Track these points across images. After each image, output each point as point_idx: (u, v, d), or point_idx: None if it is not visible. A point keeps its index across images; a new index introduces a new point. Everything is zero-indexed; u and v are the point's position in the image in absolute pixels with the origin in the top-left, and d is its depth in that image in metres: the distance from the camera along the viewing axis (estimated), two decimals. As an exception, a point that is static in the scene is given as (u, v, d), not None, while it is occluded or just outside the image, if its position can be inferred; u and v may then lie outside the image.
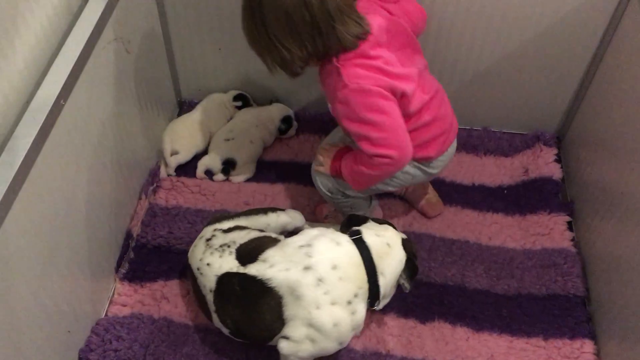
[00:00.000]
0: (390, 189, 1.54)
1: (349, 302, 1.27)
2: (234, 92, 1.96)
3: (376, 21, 1.33)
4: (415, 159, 1.44)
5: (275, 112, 1.91)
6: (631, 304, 1.33)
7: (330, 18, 1.25)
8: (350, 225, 1.39)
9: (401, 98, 1.34)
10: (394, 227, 1.42)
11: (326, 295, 1.24)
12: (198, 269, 1.38)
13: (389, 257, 1.32)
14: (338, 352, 1.45)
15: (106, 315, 1.53)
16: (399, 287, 1.37)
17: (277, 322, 1.28)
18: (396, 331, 1.51)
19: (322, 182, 1.56)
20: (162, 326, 1.50)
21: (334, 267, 1.26)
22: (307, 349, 1.27)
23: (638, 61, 1.45)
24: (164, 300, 1.55)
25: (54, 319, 1.28)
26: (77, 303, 1.38)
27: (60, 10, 1.31)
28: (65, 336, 1.34)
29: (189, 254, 1.46)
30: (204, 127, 1.89)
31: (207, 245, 1.40)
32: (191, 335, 1.49)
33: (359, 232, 1.34)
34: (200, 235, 1.46)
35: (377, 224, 1.40)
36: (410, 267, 1.36)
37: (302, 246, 1.29)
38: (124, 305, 1.55)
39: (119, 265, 1.60)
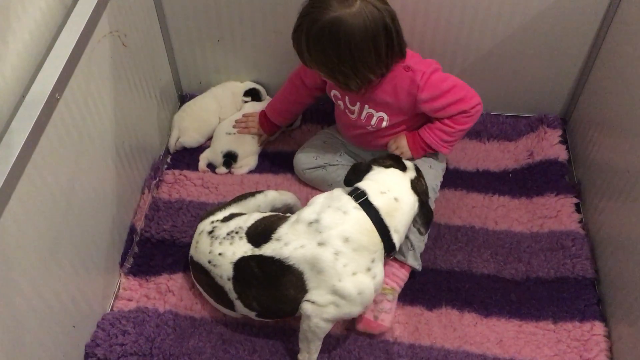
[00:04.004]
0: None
1: (369, 269, 1.28)
2: (248, 84, 1.95)
3: None
4: None
5: None
6: (641, 284, 1.31)
7: (399, 37, 1.43)
8: (354, 177, 1.38)
9: None
10: (399, 163, 1.40)
11: (345, 267, 1.25)
12: (209, 261, 1.38)
13: (399, 212, 1.31)
14: (345, 341, 1.45)
15: (112, 310, 1.53)
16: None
17: (301, 293, 1.29)
18: (403, 319, 1.49)
19: None
20: (168, 319, 1.49)
21: (346, 240, 1.26)
22: (331, 312, 1.29)
23: (642, 37, 1.43)
24: (169, 293, 1.55)
25: (58, 315, 1.27)
26: (82, 298, 1.38)
27: (53, 4, 1.30)
28: (70, 331, 1.34)
29: (193, 253, 1.46)
30: (213, 116, 1.90)
31: (212, 237, 1.40)
32: (197, 328, 1.49)
33: (364, 194, 1.31)
34: (198, 231, 1.46)
35: (383, 170, 1.37)
36: (424, 212, 1.36)
37: (311, 223, 1.29)
38: (130, 300, 1.55)
39: (123, 260, 1.60)
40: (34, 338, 1.19)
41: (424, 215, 1.36)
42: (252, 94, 1.94)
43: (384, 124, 1.57)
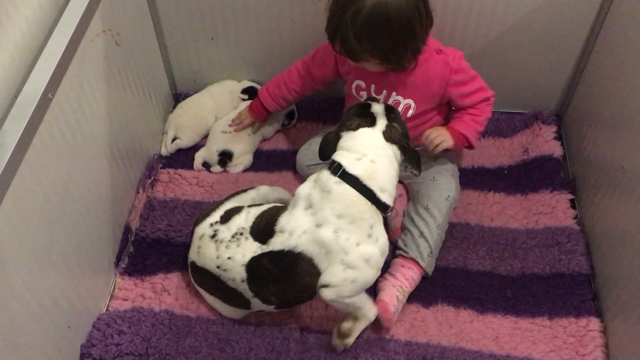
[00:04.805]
0: None
1: (370, 235, 1.29)
2: (246, 83, 1.94)
3: None
4: None
5: None
6: (637, 279, 1.31)
7: (429, 12, 1.44)
8: (327, 149, 1.37)
9: None
10: (366, 116, 1.35)
11: (348, 240, 1.27)
12: (218, 267, 1.37)
13: (379, 173, 1.30)
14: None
15: (107, 310, 1.52)
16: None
17: (317, 277, 1.30)
18: (399, 316, 1.49)
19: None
20: (164, 319, 1.49)
21: (339, 217, 1.27)
22: (349, 288, 1.30)
23: (636, 34, 1.43)
24: (165, 293, 1.55)
25: (53, 315, 1.27)
26: (77, 299, 1.37)
27: (45, 2, 1.29)
28: (65, 331, 1.34)
29: (195, 258, 1.44)
30: (210, 115, 1.89)
31: (216, 241, 1.39)
32: (193, 327, 1.48)
33: (340, 166, 1.30)
34: (197, 236, 1.44)
35: (352, 134, 1.33)
36: (409, 155, 1.35)
37: (306, 208, 1.31)
38: (125, 300, 1.54)
39: (118, 259, 1.60)
40: (29, 338, 1.18)
41: (410, 158, 1.35)
42: (250, 92, 1.93)
43: (410, 112, 1.57)
